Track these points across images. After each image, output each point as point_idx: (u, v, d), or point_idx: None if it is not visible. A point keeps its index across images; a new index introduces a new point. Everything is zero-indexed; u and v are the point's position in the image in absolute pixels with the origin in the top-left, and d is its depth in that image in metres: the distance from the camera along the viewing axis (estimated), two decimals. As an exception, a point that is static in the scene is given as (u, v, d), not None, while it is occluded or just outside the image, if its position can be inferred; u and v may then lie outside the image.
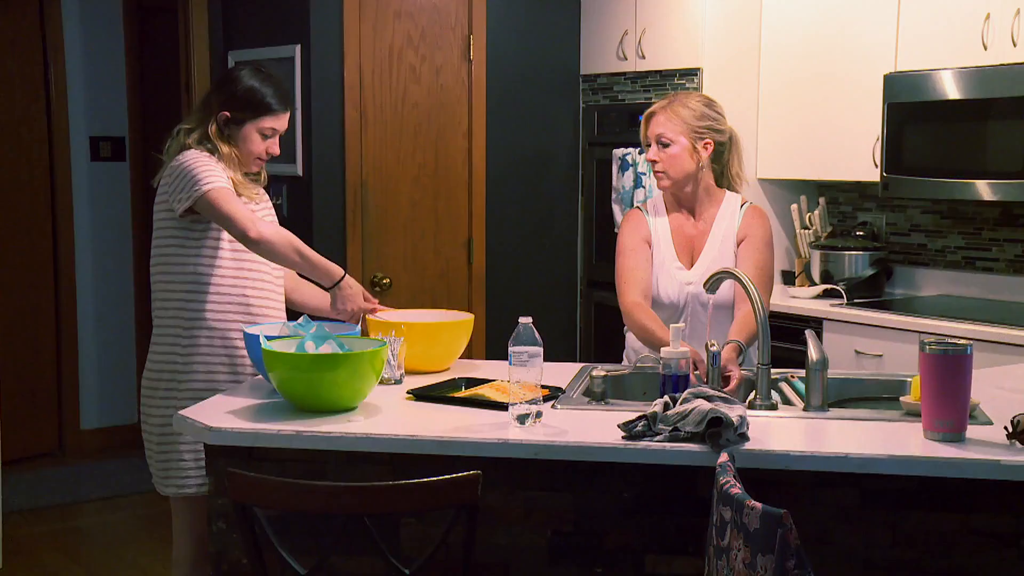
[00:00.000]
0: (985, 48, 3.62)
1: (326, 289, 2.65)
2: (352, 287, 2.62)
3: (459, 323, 2.68)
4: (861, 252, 4.14)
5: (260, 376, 2.53)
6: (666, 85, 4.45)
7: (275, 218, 2.81)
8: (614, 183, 4.55)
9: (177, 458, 2.62)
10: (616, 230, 4.54)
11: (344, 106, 4.16)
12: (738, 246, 2.77)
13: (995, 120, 3.59)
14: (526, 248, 4.72)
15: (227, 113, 2.66)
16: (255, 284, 2.67)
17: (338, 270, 2.62)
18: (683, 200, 2.82)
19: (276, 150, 2.73)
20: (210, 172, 2.58)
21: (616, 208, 4.54)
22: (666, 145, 2.75)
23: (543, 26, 4.67)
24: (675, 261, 2.80)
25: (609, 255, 4.78)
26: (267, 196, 2.83)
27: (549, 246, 4.79)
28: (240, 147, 2.67)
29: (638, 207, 2.91)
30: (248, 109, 2.66)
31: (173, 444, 2.62)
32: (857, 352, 3.73)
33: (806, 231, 4.38)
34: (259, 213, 2.73)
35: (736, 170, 2.85)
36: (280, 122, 2.70)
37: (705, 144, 2.75)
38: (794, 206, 4.41)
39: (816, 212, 4.39)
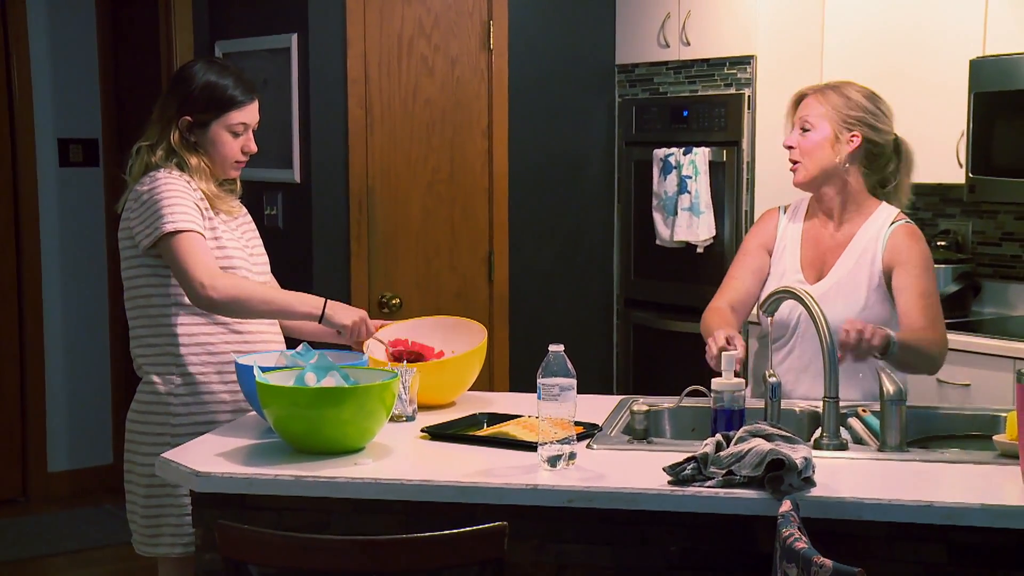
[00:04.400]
0: (1084, 29, 3.61)
1: (319, 323, 2.65)
2: (339, 307, 2.63)
3: (471, 354, 2.68)
4: (943, 265, 4.11)
5: (254, 413, 2.54)
6: (714, 76, 4.45)
7: (256, 234, 2.83)
8: (655, 188, 4.55)
9: (170, 512, 2.62)
10: (657, 241, 4.59)
11: (347, 103, 4.18)
12: (887, 275, 2.70)
13: (1097, 113, 3.58)
14: (555, 263, 4.72)
15: (188, 117, 2.67)
16: None
17: (317, 300, 2.63)
18: (824, 203, 2.78)
19: (253, 146, 2.75)
20: (177, 207, 2.58)
21: (657, 216, 4.54)
22: (807, 131, 2.73)
23: (573, 10, 4.69)
24: (797, 273, 2.76)
25: (649, 270, 4.83)
26: (245, 209, 2.84)
27: (581, 261, 4.79)
28: (211, 153, 2.69)
29: (778, 207, 2.89)
30: (211, 107, 2.67)
31: (164, 496, 2.62)
32: (940, 382, 3.70)
33: (878, 242, 4.37)
34: (238, 231, 2.75)
35: (894, 190, 2.79)
36: (249, 114, 2.72)
37: (852, 136, 2.70)
38: (864, 213, 4.40)
39: (889, 220, 4.38)
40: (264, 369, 2.36)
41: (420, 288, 4.36)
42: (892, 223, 2.73)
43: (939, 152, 4.02)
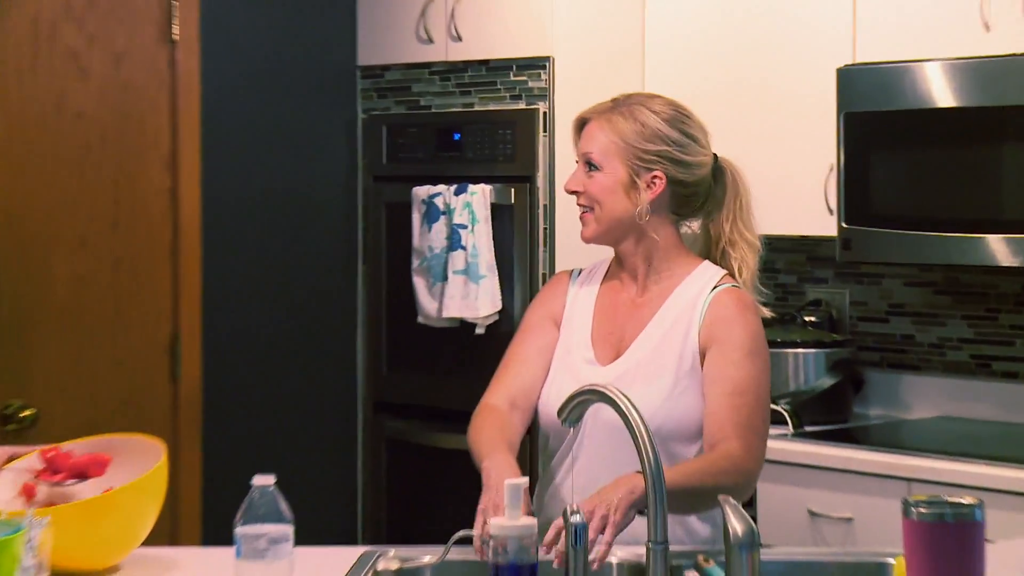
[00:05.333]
0: (987, 29, 3.80)
1: None
2: None
3: (141, 485, 2.61)
4: (813, 350, 4.26)
5: None
6: (497, 84, 4.51)
7: None
8: (415, 241, 4.56)
9: None
10: (420, 318, 4.58)
11: (-45, 117, 4.06)
12: (703, 355, 2.76)
13: (1012, 141, 3.76)
14: (271, 353, 4.68)
15: None
16: None
17: None
18: (625, 261, 2.86)
19: None
20: None
21: (419, 283, 4.54)
22: (594, 170, 2.79)
23: (295, -13, 4.71)
24: (585, 350, 2.82)
25: (407, 361, 4.80)
26: None
27: (310, 349, 4.76)
28: None
29: (570, 270, 2.95)
30: None
31: None
32: (812, 514, 3.80)
33: (726, 317, 4.47)
34: None
35: (728, 231, 2.84)
36: None
37: (652, 178, 2.76)
38: (706, 277, 4.51)
39: (741, 287, 4.49)
40: None
41: (66, 393, 4.23)
42: (714, 287, 2.80)
43: (802, 194, 4.16)
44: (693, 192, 2.83)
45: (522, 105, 4.46)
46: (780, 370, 4.23)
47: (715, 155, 2.87)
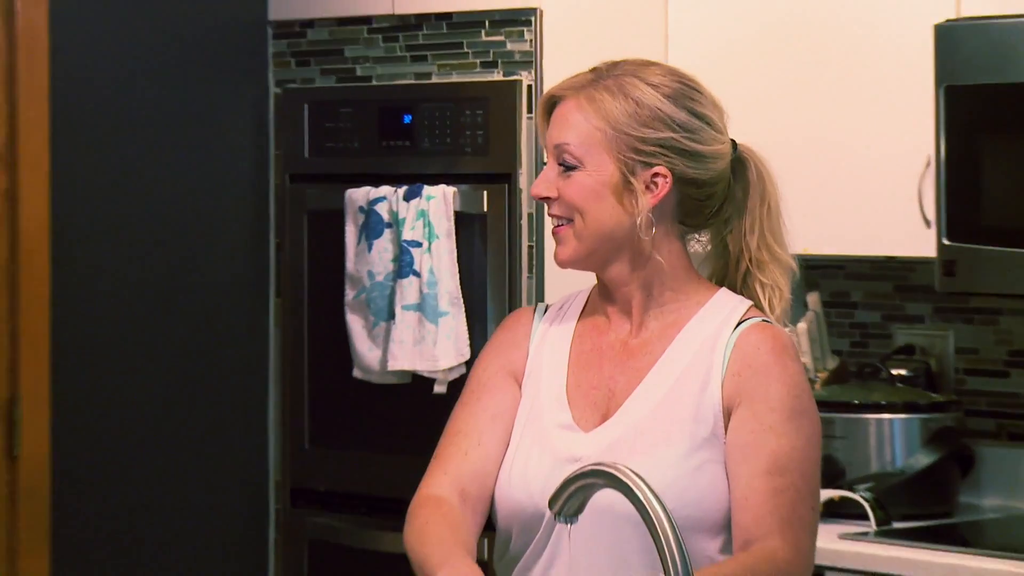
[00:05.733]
0: None
1: None
2: None
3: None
4: (904, 416, 4.28)
5: None
6: (463, 46, 4.55)
7: None
8: (349, 265, 4.60)
9: None
10: (356, 371, 4.61)
11: None
12: (728, 416, 2.75)
13: None
14: (149, 421, 4.69)
15: None
16: None
17: None
18: (615, 292, 2.85)
19: None
20: None
21: (354, 322, 4.59)
22: (571, 169, 2.80)
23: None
24: (560, 412, 2.80)
25: (338, 432, 4.77)
26: None
27: (204, 416, 4.79)
28: None
29: (533, 306, 2.95)
30: None
31: None
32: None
33: (783, 370, 4.50)
34: None
35: (755, 246, 2.83)
36: None
37: (653, 177, 2.75)
38: (755, 315, 4.54)
39: (803, 326, 4.49)
40: None
41: None
42: (739, 323, 2.79)
43: (887, 198, 4.20)
44: (708, 194, 2.81)
45: (498, 76, 4.49)
46: (858, 444, 4.28)
47: (733, 141, 2.87)
